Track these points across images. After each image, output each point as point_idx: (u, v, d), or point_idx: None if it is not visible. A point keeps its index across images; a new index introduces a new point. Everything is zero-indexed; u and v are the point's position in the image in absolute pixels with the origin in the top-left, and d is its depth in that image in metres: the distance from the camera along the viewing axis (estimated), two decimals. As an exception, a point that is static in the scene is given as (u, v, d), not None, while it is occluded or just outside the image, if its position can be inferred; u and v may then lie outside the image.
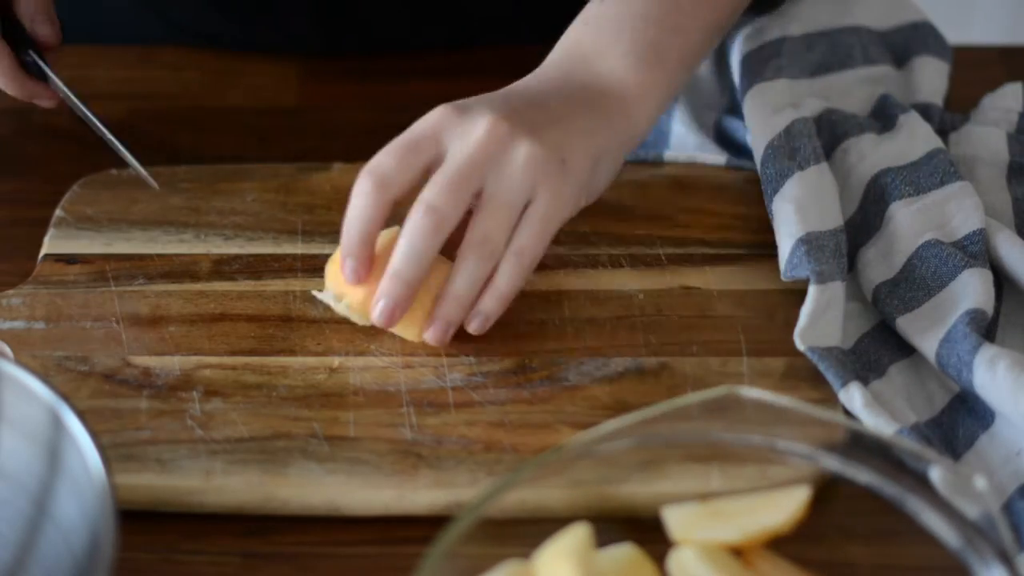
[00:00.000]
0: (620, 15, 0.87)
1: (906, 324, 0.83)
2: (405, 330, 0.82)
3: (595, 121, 0.84)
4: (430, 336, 0.81)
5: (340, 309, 0.83)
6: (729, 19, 0.92)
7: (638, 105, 0.86)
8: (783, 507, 0.71)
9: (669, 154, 0.96)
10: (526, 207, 0.81)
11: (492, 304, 0.81)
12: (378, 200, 0.79)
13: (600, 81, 0.85)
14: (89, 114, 0.93)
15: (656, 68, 0.86)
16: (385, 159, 0.80)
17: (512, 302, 0.85)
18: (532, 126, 0.81)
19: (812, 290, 0.83)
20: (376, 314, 0.80)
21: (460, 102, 0.82)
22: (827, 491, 0.73)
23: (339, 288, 0.82)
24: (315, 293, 0.85)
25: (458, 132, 0.80)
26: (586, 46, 0.87)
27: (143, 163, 0.95)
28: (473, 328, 0.82)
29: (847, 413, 0.79)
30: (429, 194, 0.79)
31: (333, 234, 0.91)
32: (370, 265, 0.80)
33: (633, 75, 0.86)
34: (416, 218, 0.79)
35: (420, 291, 0.80)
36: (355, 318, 0.83)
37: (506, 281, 0.81)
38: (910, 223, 0.87)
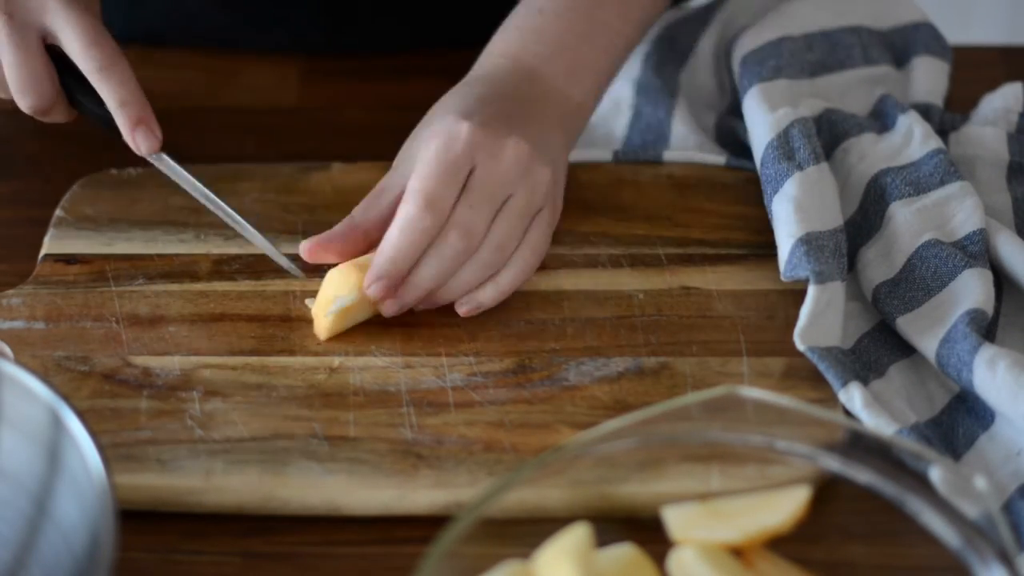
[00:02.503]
0: (559, 32, 0.92)
1: (906, 324, 0.83)
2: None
3: (562, 139, 0.90)
4: (385, 309, 0.84)
5: (338, 306, 0.83)
6: (645, 30, 0.97)
7: (577, 119, 0.92)
8: (783, 507, 0.71)
9: (669, 154, 0.96)
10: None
11: (491, 295, 0.85)
12: (431, 226, 0.82)
13: (550, 99, 0.90)
14: (219, 201, 0.90)
15: (593, 89, 0.93)
16: (431, 183, 0.83)
17: (512, 302, 0.86)
18: (540, 146, 0.86)
19: (812, 290, 0.83)
20: (374, 291, 0.82)
21: (477, 115, 0.85)
22: (827, 491, 0.73)
23: (339, 290, 0.83)
24: (309, 302, 0.86)
25: (488, 152, 0.84)
26: (529, 62, 0.91)
27: (144, 163, 0.96)
28: (463, 311, 0.85)
29: (847, 413, 0.79)
30: (468, 216, 0.83)
31: (333, 234, 0.91)
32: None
33: (576, 97, 0.91)
34: (453, 240, 0.83)
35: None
36: (346, 319, 0.84)
37: (510, 278, 0.85)
38: (910, 223, 0.87)
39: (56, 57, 0.90)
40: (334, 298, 0.83)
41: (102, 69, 0.88)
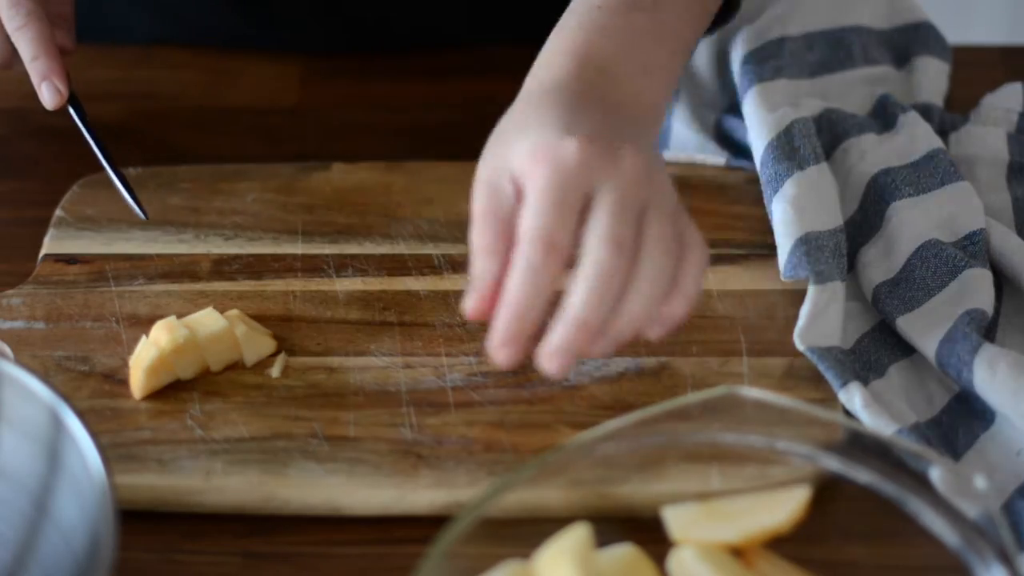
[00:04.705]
0: (626, 28, 0.86)
1: (906, 324, 0.83)
2: None
3: (649, 140, 0.83)
4: (555, 369, 0.72)
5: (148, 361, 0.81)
6: (699, 34, 0.91)
7: (655, 124, 0.84)
8: (783, 507, 0.71)
9: (669, 154, 0.96)
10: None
11: (681, 308, 0.75)
12: (555, 268, 0.73)
13: (628, 102, 0.83)
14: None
15: (664, 90, 0.85)
16: (546, 220, 0.73)
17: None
18: (647, 149, 0.79)
19: (812, 290, 0.83)
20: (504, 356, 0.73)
21: (578, 127, 0.76)
22: (827, 491, 0.73)
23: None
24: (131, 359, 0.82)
25: (604, 168, 0.75)
26: (599, 60, 0.84)
27: (144, 163, 0.96)
28: (657, 332, 0.75)
29: (847, 413, 0.79)
30: (616, 229, 0.73)
31: (333, 234, 0.91)
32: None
33: (649, 97, 0.84)
34: (604, 256, 0.73)
35: None
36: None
37: (694, 282, 0.75)
38: (910, 223, 0.87)
39: None
40: (147, 355, 0.80)
41: (18, 28, 0.93)
